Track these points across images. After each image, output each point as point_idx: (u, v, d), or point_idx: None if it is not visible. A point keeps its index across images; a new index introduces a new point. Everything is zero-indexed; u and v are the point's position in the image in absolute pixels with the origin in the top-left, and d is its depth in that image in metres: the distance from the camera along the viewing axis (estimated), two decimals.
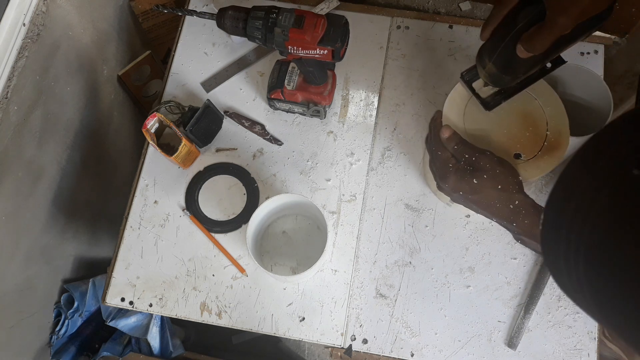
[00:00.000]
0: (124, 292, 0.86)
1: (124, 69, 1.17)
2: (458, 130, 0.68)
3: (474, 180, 0.62)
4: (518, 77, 0.62)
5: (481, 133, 0.70)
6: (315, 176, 0.91)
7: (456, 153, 0.65)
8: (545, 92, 0.71)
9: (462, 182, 0.63)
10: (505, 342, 0.82)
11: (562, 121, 0.69)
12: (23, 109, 0.85)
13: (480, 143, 0.68)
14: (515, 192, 0.61)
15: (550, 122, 0.69)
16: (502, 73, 0.60)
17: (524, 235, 0.62)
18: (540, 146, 0.68)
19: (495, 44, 0.58)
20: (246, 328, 0.84)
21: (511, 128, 0.70)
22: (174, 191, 0.91)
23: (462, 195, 0.63)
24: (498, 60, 0.59)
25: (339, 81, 0.96)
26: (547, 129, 0.69)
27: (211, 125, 0.92)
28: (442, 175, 0.65)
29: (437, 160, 0.66)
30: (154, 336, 1.06)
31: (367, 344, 0.82)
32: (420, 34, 0.99)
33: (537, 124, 0.69)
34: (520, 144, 0.69)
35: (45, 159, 0.94)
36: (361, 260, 0.86)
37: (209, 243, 0.88)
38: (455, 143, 0.65)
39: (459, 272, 0.85)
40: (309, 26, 0.72)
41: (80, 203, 1.10)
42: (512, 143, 0.69)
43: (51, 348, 1.06)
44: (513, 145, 0.69)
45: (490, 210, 0.62)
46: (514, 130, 0.70)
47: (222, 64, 0.99)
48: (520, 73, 0.60)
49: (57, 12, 0.91)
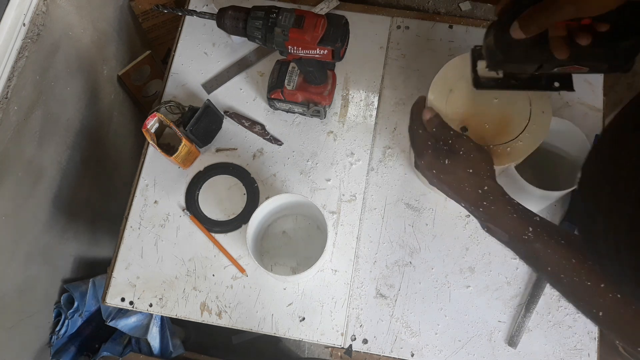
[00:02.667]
0: (124, 292, 0.86)
1: (124, 69, 1.17)
2: (440, 114, 0.69)
3: (447, 160, 0.63)
4: (510, 62, 0.60)
5: (461, 118, 0.71)
6: (315, 176, 0.91)
7: (435, 134, 0.66)
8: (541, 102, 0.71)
9: (436, 160, 0.64)
10: (506, 341, 0.82)
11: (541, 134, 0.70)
12: (23, 109, 0.85)
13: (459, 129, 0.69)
14: (486, 178, 0.62)
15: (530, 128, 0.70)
16: (497, 48, 0.59)
17: (490, 222, 0.62)
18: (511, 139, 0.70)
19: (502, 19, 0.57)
20: (246, 328, 0.84)
21: (490, 121, 0.71)
22: (174, 191, 0.91)
23: (435, 174, 0.64)
24: (498, 34, 0.58)
25: (339, 81, 0.96)
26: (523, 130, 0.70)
27: (211, 125, 0.92)
28: (420, 152, 0.66)
29: (416, 138, 0.68)
30: (154, 336, 1.06)
31: (367, 344, 0.82)
32: (420, 34, 0.99)
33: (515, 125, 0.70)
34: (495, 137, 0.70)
35: (45, 159, 0.94)
36: (361, 260, 0.86)
37: (209, 243, 0.88)
38: (435, 125, 0.67)
39: (459, 272, 0.85)
40: (309, 26, 0.72)
41: (80, 203, 1.10)
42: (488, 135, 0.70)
43: (51, 348, 1.06)
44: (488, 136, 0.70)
45: (460, 194, 0.63)
46: (492, 125, 0.71)
47: (222, 64, 0.99)
48: (513, 57, 0.59)
49: (57, 12, 0.91)
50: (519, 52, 0.58)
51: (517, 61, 0.60)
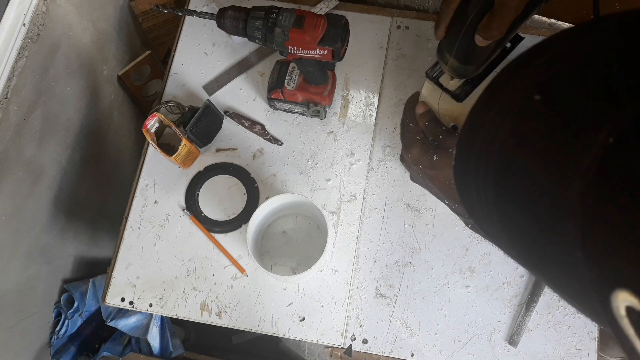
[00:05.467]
0: (124, 292, 0.86)
1: (124, 69, 1.17)
2: (433, 110, 0.69)
3: (434, 157, 0.63)
4: (482, 65, 0.62)
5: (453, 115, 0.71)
6: (315, 176, 0.91)
7: (426, 129, 0.66)
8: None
9: (424, 155, 0.64)
10: (506, 340, 0.82)
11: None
12: (23, 109, 0.85)
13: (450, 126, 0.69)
14: None
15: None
16: (465, 64, 0.61)
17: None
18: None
19: (453, 39, 0.60)
20: (246, 328, 0.84)
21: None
22: (174, 191, 0.91)
23: (422, 169, 0.64)
24: (458, 53, 0.60)
25: (339, 81, 0.96)
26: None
27: (211, 125, 0.92)
28: (407, 146, 0.66)
29: (406, 132, 0.68)
30: (154, 336, 1.06)
31: (367, 344, 0.82)
32: (420, 34, 0.99)
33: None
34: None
35: (45, 159, 0.94)
36: (361, 260, 0.86)
37: (209, 243, 0.88)
38: (427, 120, 0.67)
39: (459, 272, 0.85)
40: (309, 26, 0.72)
41: (80, 203, 1.10)
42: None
43: (51, 348, 1.06)
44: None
45: (444, 190, 0.64)
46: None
47: (222, 64, 0.99)
48: (483, 60, 0.61)
49: (57, 12, 0.91)
50: (484, 54, 0.60)
51: (486, 60, 0.62)
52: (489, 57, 0.62)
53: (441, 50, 0.62)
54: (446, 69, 0.63)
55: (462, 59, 0.60)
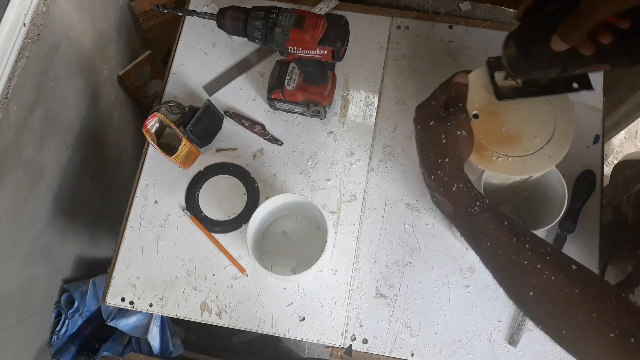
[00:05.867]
0: (124, 292, 0.86)
1: (124, 69, 1.17)
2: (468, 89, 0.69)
3: (433, 122, 0.64)
4: (536, 70, 0.61)
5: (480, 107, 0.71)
6: (315, 176, 0.91)
7: (449, 97, 0.66)
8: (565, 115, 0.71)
9: (427, 118, 0.64)
10: (506, 340, 0.82)
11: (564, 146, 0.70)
12: (23, 109, 0.85)
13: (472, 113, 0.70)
14: (453, 154, 0.62)
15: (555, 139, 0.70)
16: (520, 58, 0.59)
17: (439, 192, 0.63)
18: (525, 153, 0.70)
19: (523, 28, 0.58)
20: (246, 328, 0.84)
21: (508, 127, 0.71)
22: (174, 191, 0.91)
23: (419, 129, 0.65)
24: (521, 44, 0.59)
25: (339, 81, 0.96)
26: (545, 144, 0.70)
27: (211, 125, 0.92)
28: (422, 106, 0.67)
29: (430, 96, 0.67)
30: (154, 336, 1.06)
31: (367, 344, 0.82)
32: (420, 34, 0.99)
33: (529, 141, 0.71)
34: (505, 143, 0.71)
35: (45, 159, 0.94)
36: (361, 260, 0.86)
37: (209, 243, 0.88)
38: (457, 90, 0.66)
39: (459, 272, 0.85)
40: (309, 26, 0.72)
41: (80, 203, 1.10)
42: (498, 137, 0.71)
43: (51, 348, 1.06)
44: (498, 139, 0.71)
45: (423, 156, 0.64)
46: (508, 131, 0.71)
47: (222, 64, 0.99)
48: (541, 66, 0.59)
49: (57, 12, 0.91)
50: (543, 59, 0.58)
51: (542, 68, 0.60)
52: (545, 67, 0.59)
53: (508, 36, 0.61)
54: (504, 56, 0.62)
55: (522, 51, 0.58)
